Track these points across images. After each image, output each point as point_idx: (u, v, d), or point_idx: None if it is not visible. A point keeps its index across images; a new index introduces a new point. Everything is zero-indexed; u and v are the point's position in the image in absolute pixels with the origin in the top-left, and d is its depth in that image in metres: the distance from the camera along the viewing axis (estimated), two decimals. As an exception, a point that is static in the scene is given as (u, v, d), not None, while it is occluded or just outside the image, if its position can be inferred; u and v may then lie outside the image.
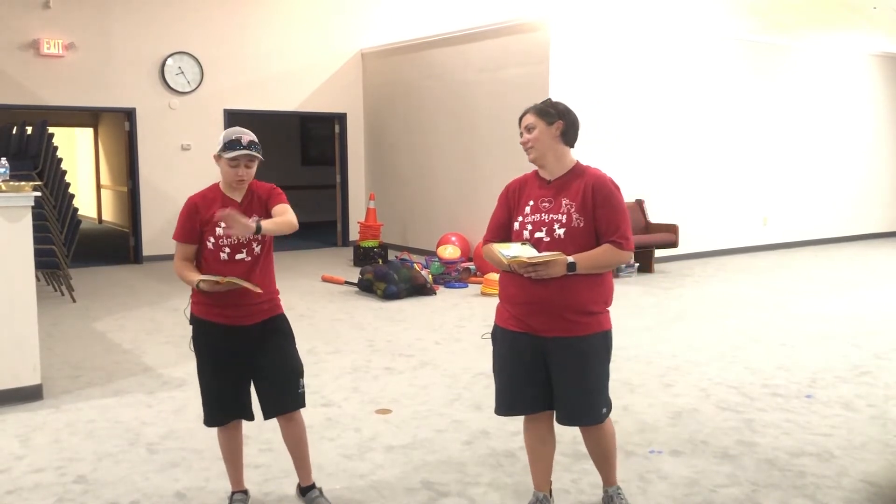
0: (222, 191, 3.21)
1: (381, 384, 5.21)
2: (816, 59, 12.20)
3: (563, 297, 2.94)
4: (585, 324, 2.98)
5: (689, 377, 5.34)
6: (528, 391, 3.08)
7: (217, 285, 3.08)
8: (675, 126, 10.65)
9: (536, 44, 9.56)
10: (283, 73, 11.76)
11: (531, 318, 3.00)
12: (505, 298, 3.12)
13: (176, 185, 11.01)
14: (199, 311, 3.22)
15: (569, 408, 3.05)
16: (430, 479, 3.72)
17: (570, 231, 2.96)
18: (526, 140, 3.13)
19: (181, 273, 3.19)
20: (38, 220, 6.31)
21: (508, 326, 3.08)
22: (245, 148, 3.08)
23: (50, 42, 10.07)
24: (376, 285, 8.29)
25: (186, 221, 3.18)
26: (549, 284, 2.94)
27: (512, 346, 3.07)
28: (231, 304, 3.15)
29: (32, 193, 4.82)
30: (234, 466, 3.42)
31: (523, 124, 3.14)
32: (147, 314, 7.51)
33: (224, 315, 3.17)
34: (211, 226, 3.14)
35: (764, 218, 11.87)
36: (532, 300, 2.98)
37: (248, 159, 3.11)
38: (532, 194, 3.10)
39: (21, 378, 4.84)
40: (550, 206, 3.03)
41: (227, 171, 3.13)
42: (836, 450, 4.05)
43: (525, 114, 3.16)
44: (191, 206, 3.19)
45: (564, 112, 3.12)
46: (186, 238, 3.19)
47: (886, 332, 6.65)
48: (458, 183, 10.82)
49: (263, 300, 3.22)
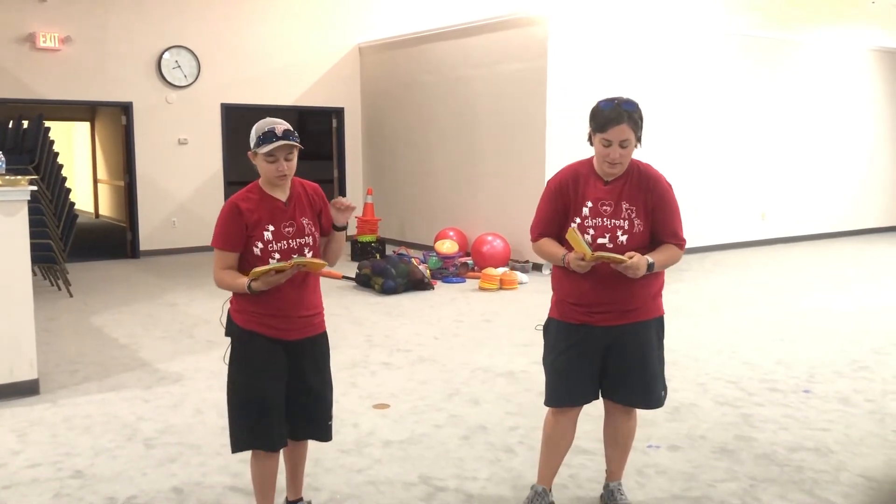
0: (264, 189, 2.88)
1: (379, 379, 5.20)
2: (815, 54, 12.18)
3: (631, 294, 2.97)
4: (646, 310, 3.02)
5: (687, 372, 5.34)
6: (581, 383, 3.09)
7: (277, 275, 2.73)
8: (673, 121, 10.63)
9: (535, 38, 9.54)
10: (281, 67, 11.73)
11: (594, 312, 2.99)
12: (566, 294, 3.06)
13: (173, 180, 11.00)
14: (242, 320, 2.89)
15: (633, 389, 3.08)
16: (428, 473, 3.72)
17: (632, 237, 2.95)
18: (618, 157, 2.89)
19: (225, 282, 2.84)
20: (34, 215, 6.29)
21: (568, 319, 3.06)
22: (281, 138, 2.76)
23: (46, 36, 10.03)
24: (374, 280, 8.28)
25: (230, 226, 2.81)
26: (616, 284, 2.94)
27: (570, 338, 3.05)
28: (280, 315, 2.85)
29: (29, 187, 4.81)
30: (269, 495, 3.03)
31: (617, 137, 2.85)
32: (144, 309, 7.49)
33: (271, 326, 2.86)
34: (258, 230, 2.81)
35: (762, 213, 11.87)
36: (598, 298, 2.97)
37: (288, 150, 2.80)
38: (590, 194, 2.98)
39: (18, 373, 4.83)
40: (611, 210, 2.94)
41: (265, 167, 2.81)
42: (834, 445, 4.04)
43: (616, 125, 2.84)
44: (232, 209, 2.82)
45: (643, 117, 2.95)
46: (230, 245, 2.82)
47: (884, 327, 6.66)
48: (455, 178, 10.80)
49: (313, 313, 2.96)
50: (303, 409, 2.98)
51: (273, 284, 2.76)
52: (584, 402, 3.14)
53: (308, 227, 2.92)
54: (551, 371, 3.14)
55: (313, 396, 2.99)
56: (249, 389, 2.88)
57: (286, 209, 2.88)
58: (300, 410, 2.97)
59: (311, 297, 2.95)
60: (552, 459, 3.24)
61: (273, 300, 2.83)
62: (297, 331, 2.92)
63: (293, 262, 2.74)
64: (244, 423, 2.89)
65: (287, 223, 2.87)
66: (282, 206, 2.88)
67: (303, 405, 2.98)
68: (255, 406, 2.87)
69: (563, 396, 3.13)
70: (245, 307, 2.88)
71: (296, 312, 2.89)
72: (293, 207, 2.90)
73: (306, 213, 2.93)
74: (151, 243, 10.95)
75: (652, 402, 3.12)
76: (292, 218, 2.88)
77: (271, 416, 2.88)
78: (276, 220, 2.85)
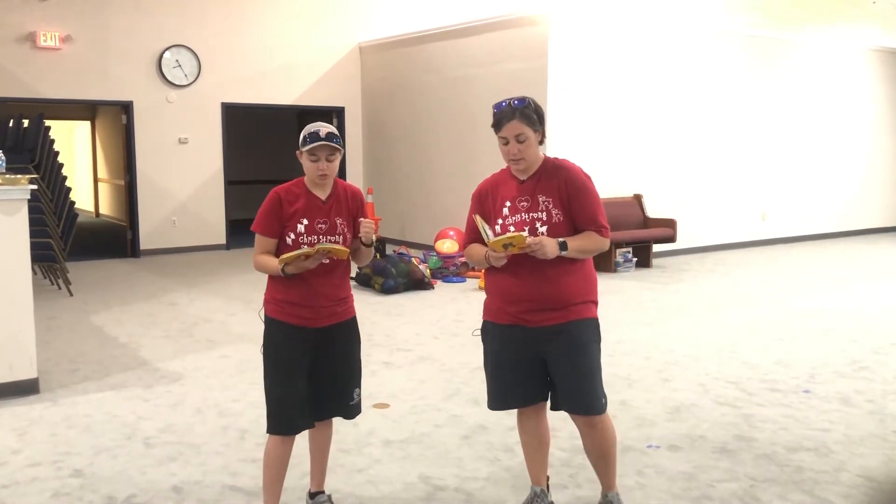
0: (307, 186, 3.08)
1: (379, 379, 5.20)
2: (815, 53, 12.18)
3: (558, 289, 2.96)
4: (577, 311, 2.99)
5: (687, 372, 5.34)
6: (521, 384, 3.07)
7: (305, 260, 2.93)
8: (674, 120, 10.64)
9: (535, 38, 9.54)
10: (281, 66, 11.73)
11: (525, 311, 2.99)
12: (495, 294, 3.09)
13: (173, 179, 11.00)
14: (273, 310, 3.07)
15: (571, 394, 3.01)
16: (428, 473, 3.72)
17: (552, 227, 2.96)
18: (517, 152, 2.97)
19: (261, 265, 3.06)
20: (34, 214, 6.29)
21: (500, 321, 3.06)
22: (324, 140, 2.96)
23: (47, 35, 10.03)
24: (374, 280, 8.28)
25: (269, 214, 3.04)
26: (543, 278, 2.94)
27: (504, 339, 3.06)
28: (307, 305, 3.02)
29: (29, 186, 4.80)
30: (279, 487, 3.15)
31: (511, 133, 2.92)
32: (144, 308, 7.49)
33: (299, 316, 3.03)
34: (293, 221, 3.02)
35: (762, 213, 11.87)
36: (526, 296, 2.97)
37: (329, 151, 2.99)
38: (508, 195, 3.04)
39: (17, 372, 4.83)
40: (528, 204, 2.99)
41: (308, 165, 3.02)
42: (834, 445, 4.04)
43: (507, 121, 2.92)
44: (274, 199, 3.04)
45: (541, 111, 3.01)
46: (267, 231, 3.05)
47: (884, 327, 6.65)
48: (456, 177, 10.80)
49: (340, 300, 3.11)
50: (328, 392, 3.14)
51: (303, 269, 2.96)
52: (527, 403, 3.11)
53: (341, 226, 3.08)
54: (489, 374, 3.14)
55: (340, 381, 3.15)
56: (274, 379, 3.08)
57: (323, 207, 3.06)
58: (326, 389, 3.13)
59: (338, 286, 3.10)
60: (533, 459, 3.24)
61: (301, 289, 3.02)
62: (325, 318, 3.07)
63: (318, 248, 2.92)
64: (275, 410, 3.09)
65: (322, 220, 3.05)
66: (320, 203, 3.06)
67: (328, 388, 3.14)
68: (286, 397, 3.06)
69: (501, 399, 3.12)
70: (275, 296, 3.07)
71: (323, 301, 3.05)
72: (330, 206, 3.08)
73: (342, 214, 3.10)
74: (151, 242, 10.95)
75: (594, 408, 3.01)
76: (327, 216, 3.06)
77: (289, 405, 3.06)
78: (312, 216, 3.04)
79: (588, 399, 3.00)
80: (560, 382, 3.03)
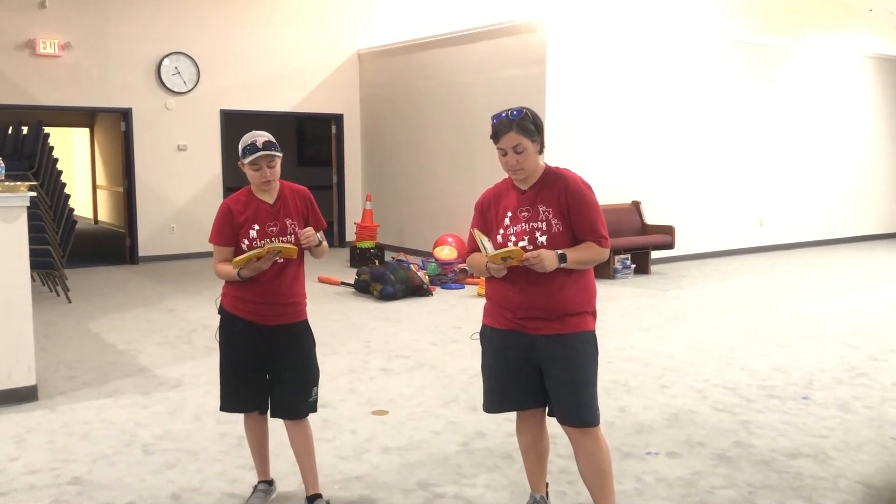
0: (253, 193, 3.28)
1: (378, 385, 5.20)
2: (812, 60, 12.21)
3: (556, 298, 2.96)
4: (574, 322, 2.99)
5: (685, 378, 5.34)
6: (516, 387, 3.07)
7: (258, 261, 3.12)
8: (672, 127, 10.66)
9: (534, 45, 9.56)
10: (280, 73, 11.75)
11: (521, 317, 3.00)
12: (495, 299, 3.11)
13: (172, 186, 11.00)
14: (227, 303, 3.32)
15: (563, 405, 3.01)
16: (427, 480, 3.71)
17: (552, 237, 2.96)
18: (516, 163, 2.99)
19: (221, 272, 3.26)
20: (33, 221, 6.29)
21: (498, 325, 3.08)
22: (262, 150, 3.15)
23: (46, 42, 10.04)
24: (373, 286, 8.28)
25: (222, 225, 3.26)
26: (541, 287, 2.95)
27: (501, 342, 3.07)
28: (257, 302, 3.23)
29: (28, 193, 4.81)
30: (260, 456, 3.50)
31: (508, 144, 2.95)
32: (143, 315, 7.49)
33: (249, 311, 3.25)
34: (245, 228, 3.22)
35: (760, 219, 11.88)
36: (523, 303, 2.98)
37: (269, 160, 3.17)
38: (509, 205, 3.06)
39: (16, 379, 4.82)
40: (529, 214, 3.00)
41: (251, 174, 3.20)
42: (833, 451, 4.04)
43: (505, 133, 2.95)
44: (224, 210, 3.27)
45: (539, 122, 3.03)
46: (222, 241, 3.27)
47: (883, 333, 6.66)
48: (454, 184, 10.82)
49: (289, 302, 3.29)
50: (284, 388, 3.33)
51: (257, 270, 3.16)
52: (522, 407, 3.12)
53: (291, 226, 3.27)
54: (485, 376, 3.16)
55: (292, 376, 3.31)
56: (225, 362, 3.34)
57: (271, 210, 3.26)
58: (281, 390, 3.34)
59: (289, 287, 3.28)
60: (531, 465, 3.25)
61: (254, 287, 3.22)
62: (275, 317, 3.27)
63: (268, 247, 3.12)
64: (222, 390, 3.39)
65: (272, 223, 3.25)
66: (268, 207, 3.27)
67: (284, 385, 3.33)
68: (229, 382, 3.35)
69: (496, 402, 3.13)
70: (231, 292, 3.30)
71: (274, 300, 3.25)
72: (278, 209, 3.28)
73: (291, 215, 3.29)
74: (150, 249, 10.95)
75: (585, 418, 2.99)
76: (276, 218, 3.26)
77: (239, 391, 3.34)
78: (262, 220, 3.25)
79: (579, 409, 2.99)
80: (553, 393, 3.04)
